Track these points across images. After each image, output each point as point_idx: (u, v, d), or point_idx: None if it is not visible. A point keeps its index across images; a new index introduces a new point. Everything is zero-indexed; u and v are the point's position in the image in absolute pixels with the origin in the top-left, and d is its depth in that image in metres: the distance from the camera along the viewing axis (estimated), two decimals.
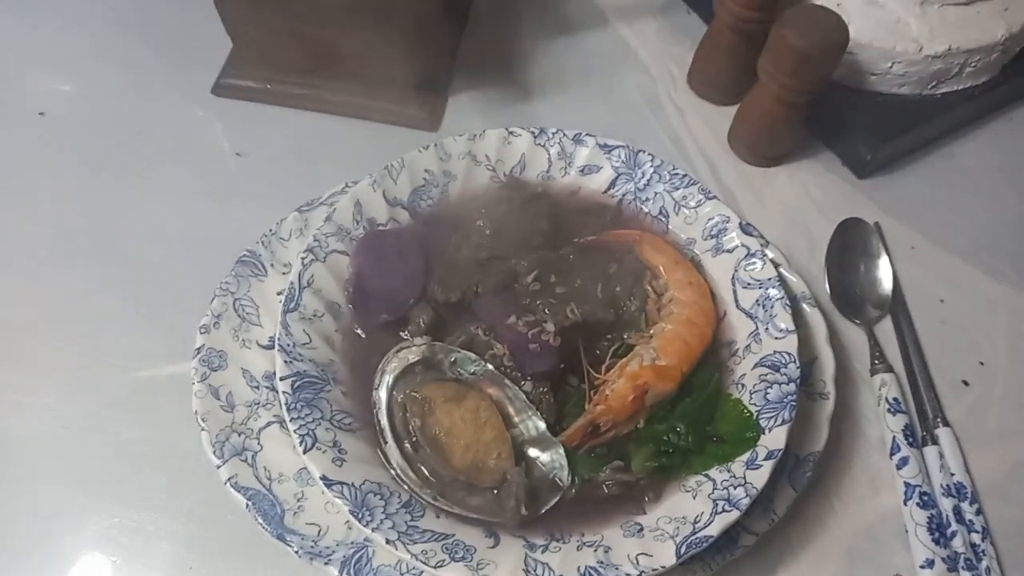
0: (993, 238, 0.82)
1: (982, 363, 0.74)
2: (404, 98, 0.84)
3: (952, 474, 0.67)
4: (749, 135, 0.83)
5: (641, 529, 0.56)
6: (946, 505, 0.65)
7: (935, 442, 0.68)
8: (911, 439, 0.67)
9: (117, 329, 0.71)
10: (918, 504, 0.64)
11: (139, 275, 0.74)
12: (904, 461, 0.66)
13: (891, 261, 0.78)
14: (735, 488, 0.56)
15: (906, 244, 0.81)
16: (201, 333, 0.66)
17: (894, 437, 0.68)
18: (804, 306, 0.69)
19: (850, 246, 0.78)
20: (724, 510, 0.55)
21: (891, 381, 0.70)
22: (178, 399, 0.65)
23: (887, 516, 0.66)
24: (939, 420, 0.69)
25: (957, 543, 0.63)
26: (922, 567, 0.62)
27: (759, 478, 0.56)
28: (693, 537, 0.54)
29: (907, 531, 0.64)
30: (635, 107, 0.89)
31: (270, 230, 0.71)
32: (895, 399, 0.69)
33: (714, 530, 0.54)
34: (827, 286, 0.76)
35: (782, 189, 0.84)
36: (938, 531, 0.63)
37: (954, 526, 0.64)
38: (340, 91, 0.84)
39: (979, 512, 0.65)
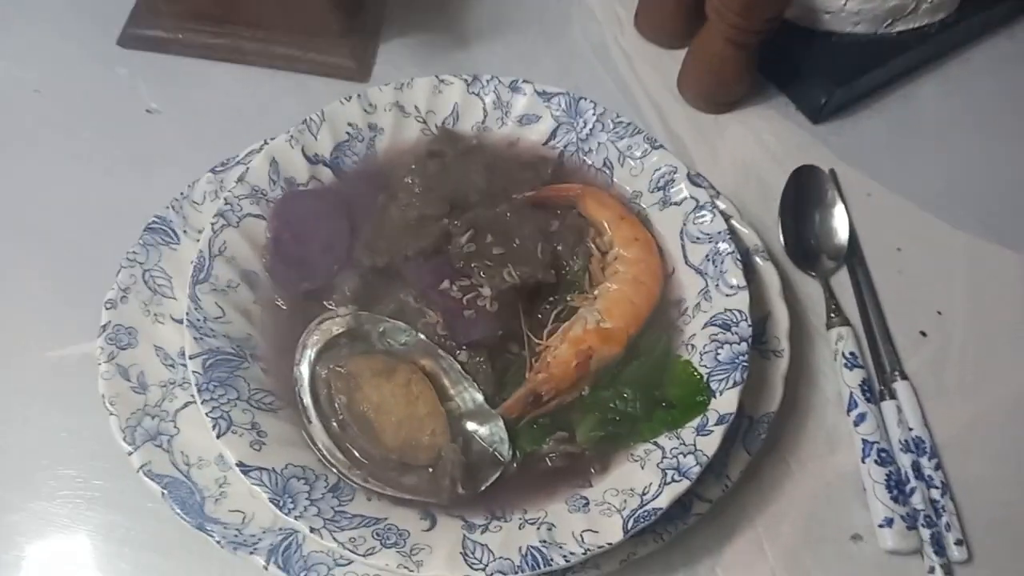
0: (952, 183, 0.79)
1: (940, 313, 0.72)
2: (330, 46, 0.78)
3: (910, 428, 0.65)
4: (699, 80, 0.79)
5: (587, 503, 0.52)
6: (904, 461, 0.63)
7: (893, 396, 0.66)
8: (868, 394, 0.65)
9: (22, 308, 0.66)
10: (876, 461, 0.62)
11: (44, 248, 0.69)
12: (861, 417, 0.64)
13: (847, 209, 0.75)
14: (685, 456, 0.53)
15: (862, 191, 0.78)
16: (107, 309, 0.60)
17: (851, 393, 0.65)
18: (757, 259, 0.66)
19: (804, 195, 0.75)
20: (673, 480, 0.52)
21: (848, 335, 0.68)
22: (90, 380, 0.60)
23: (845, 475, 0.64)
24: (897, 373, 0.67)
25: (916, 499, 0.61)
26: (880, 526, 0.60)
27: (710, 445, 0.53)
28: (641, 510, 0.51)
29: (865, 489, 0.62)
30: (580, 53, 0.84)
31: (181, 193, 0.65)
32: (852, 353, 0.67)
33: (663, 502, 0.51)
34: (781, 237, 0.73)
35: (734, 136, 0.80)
36: (897, 488, 0.61)
37: (913, 482, 0.62)
38: (260, 40, 0.78)
39: (938, 467, 0.63)
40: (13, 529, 0.58)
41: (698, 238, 0.62)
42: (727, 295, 0.59)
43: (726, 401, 0.55)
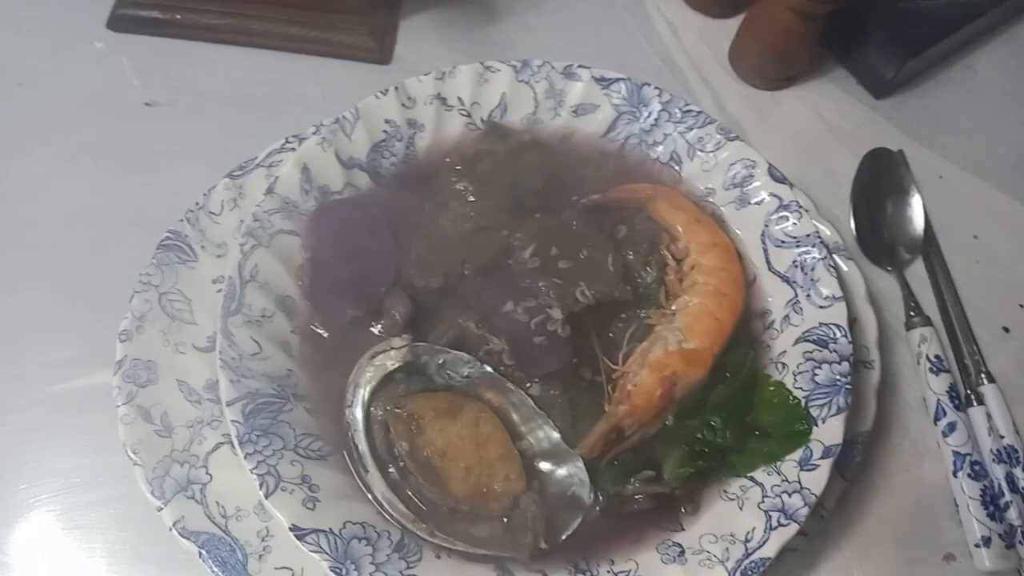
0: None
1: (1022, 306, 0.66)
2: (346, 23, 0.71)
3: (1002, 436, 0.60)
4: (757, 53, 0.72)
5: (682, 552, 0.47)
6: (998, 472, 0.59)
7: (981, 401, 0.62)
8: (956, 401, 0.60)
9: (23, 335, 0.60)
10: (969, 475, 0.58)
11: (45, 264, 0.62)
12: (951, 427, 0.60)
13: (921, 197, 0.69)
14: (790, 496, 0.48)
15: (933, 174, 0.72)
16: (121, 341, 0.54)
17: (938, 400, 0.61)
18: (838, 259, 0.60)
19: (876, 182, 0.69)
20: (780, 524, 0.47)
21: (931, 336, 0.63)
22: (104, 415, 0.54)
23: (933, 488, 0.59)
24: (983, 376, 0.63)
25: (1012, 515, 0.57)
26: (977, 545, 0.56)
27: (817, 482, 0.48)
28: (747, 560, 0.46)
29: (958, 506, 0.58)
30: (621, 24, 0.78)
31: (196, 203, 0.58)
32: (936, 356, 0.62)
33: (770, 550, 0.46)
34: (853, 229, 0.67)
35: (792, 115, 0.74)
36: (992, 504, 0.57)
37: (1008, 496, 0.58)
38: (268, 19, 0.71)
39: None
40: None
41: (783, 242, 0.56)
42: (821, 307, 0.53)
43: (831, 430, 0.49)
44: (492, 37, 0.74)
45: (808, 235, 0.55)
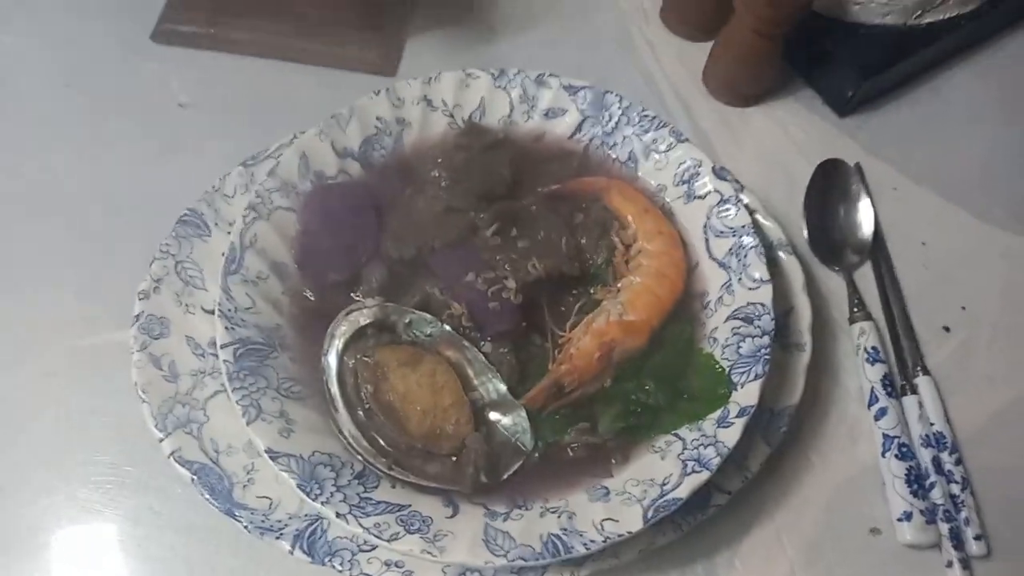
0: (979, 177, 0.78)
1: (964, 308, 0.71)
2: (357, 41, 0.79)
3: (932, 424, 0.64)
4: (725, 72, 0.78)
5: (607, 493, 0.53)
6: (925, 456, 0.63)
7: (914, 391, 0.66)
8: (889, 389, 0.65)
9: (55, 295, 0.67)
10: (896, 456, 0.62)
11: (76, 237, 0.70)
12: (882, 412, 0.64)
13: (872, 203, 0.74)
14: (705, 447, 0.53)
15: (888, 185, 0.77)
16: (140, 299, 0.62)
17: (872, 387, 0.65)
18: (780, 254, 0.66)
19: (829, 189, 0.74)
20: (694, 471, 0.52)
21: (870, 329, 0.68)
22: (121, 367, 0.62)
23: (865, 469, 0.63)
24: (919, 368, 0.67)
25: (936, 494, 0.61)
26: (899, 520, 0.60)
27: (731, 436, 0.53)
28: (661, 500, 0.51)
29: (884, 484, 0.62)
30: (605, 45, 0.84)
31: (213, 187, 0.67)
32: (873, 348, 0.67)
33: (683, 492, 0.51)
34: (805, 232, 0.73)
35: (759, 130, 0.80)
36: (916, 483, 0.61)
37: (932, 477, 0.62)
38: (289, 35, 0.79)
39: (959, 462, 0.63)
40: (46, 512, 0.59)
41: (722, 232, 0.62)
42: (750, 288, 0.59)
43: (747, 393, 0.55)
44: (486, 55, 0.81)
45: (744, 226, 0.61)
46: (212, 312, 0.61)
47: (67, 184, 0.73)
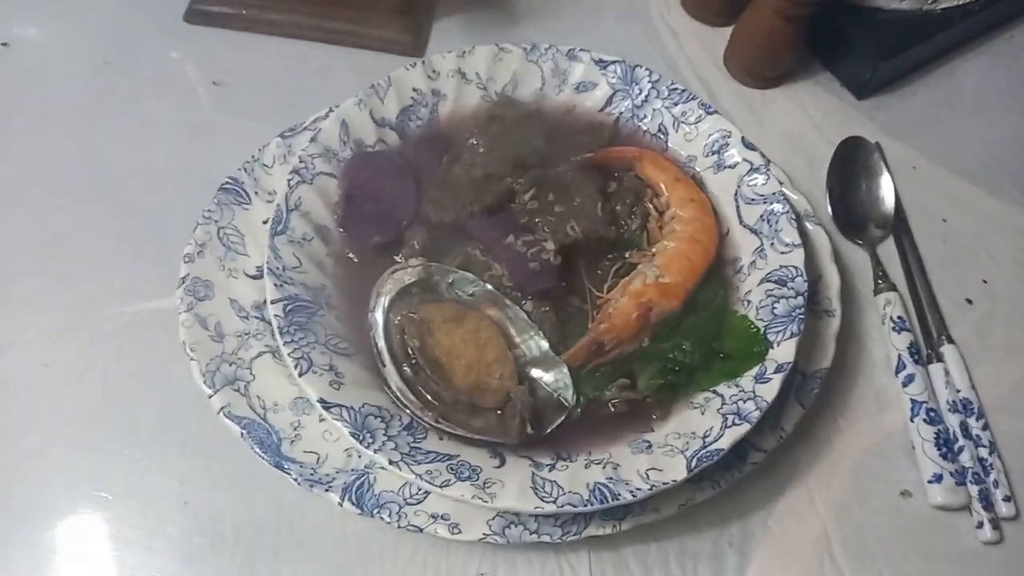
0: (995, 157, 0.80)
1: (985, 281, 0.73)
2: (387, 22, 0.80)
3: (958, 390, 0.66)
4: (746, 54, 0.80)
5: (650, 446, 0.54)
6: (952, 421, 0.64)
7: (940, 359, 0.67)
8: (916, 356, 0.66)
9: (99, 266, 0.68)
10: (924, 420, 0.64)
11: (118, 210, 0.71)
12: (910, 378, 0.65)
13: (893, 181, 0.76)
14: (745, 402, 0.54)
15: (907, 164, 0.79)
16: (185, 262, 0.63)
17: (899, 355, 0.67)
18: (807, 224, 0.68)
19: (851, 165, 0.76)
20: (734, 423, 0.53)
21: (895, 299, 0.69)
22: (165, 333, 0.63)
23: (893, 433, 0.65)
24: (943, 338, 0.68)
25: (964, 458, 0.63)
26: (930, 482, 0.62)
27: (769, 391, 0.55)
28: (704, 451, 0.52)
29: (914, 447, 0.63)
30: (628, 30, 0.86)
31: (252, 156, 0.68)
32: (899, 317, 0.68)
33: (725, 443, 0.53)
34: (828, 207, 0.74)
35: (780, 111, 0.82)
36: (945, 446, 0.63)
37: (961, 441, 0.63)
38: (319, 16, 0.80)
39: (985, 427, 0.64)
40: (96, 471, 0.60)
41: (752, 199, 0.63)
42: (782, 252, 0.61)
43: (784, 351, 0.56)
44: (512, 38, 0.82)
45: (774, 193, 0.63)
46: (254, 277, 0.63)
47: (106, 161, 0.74)
